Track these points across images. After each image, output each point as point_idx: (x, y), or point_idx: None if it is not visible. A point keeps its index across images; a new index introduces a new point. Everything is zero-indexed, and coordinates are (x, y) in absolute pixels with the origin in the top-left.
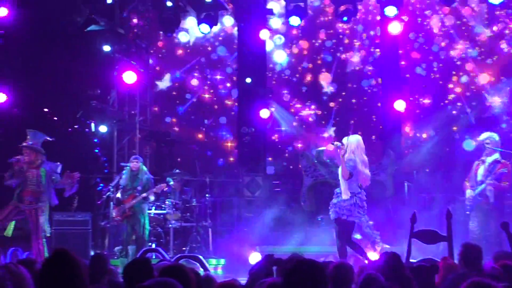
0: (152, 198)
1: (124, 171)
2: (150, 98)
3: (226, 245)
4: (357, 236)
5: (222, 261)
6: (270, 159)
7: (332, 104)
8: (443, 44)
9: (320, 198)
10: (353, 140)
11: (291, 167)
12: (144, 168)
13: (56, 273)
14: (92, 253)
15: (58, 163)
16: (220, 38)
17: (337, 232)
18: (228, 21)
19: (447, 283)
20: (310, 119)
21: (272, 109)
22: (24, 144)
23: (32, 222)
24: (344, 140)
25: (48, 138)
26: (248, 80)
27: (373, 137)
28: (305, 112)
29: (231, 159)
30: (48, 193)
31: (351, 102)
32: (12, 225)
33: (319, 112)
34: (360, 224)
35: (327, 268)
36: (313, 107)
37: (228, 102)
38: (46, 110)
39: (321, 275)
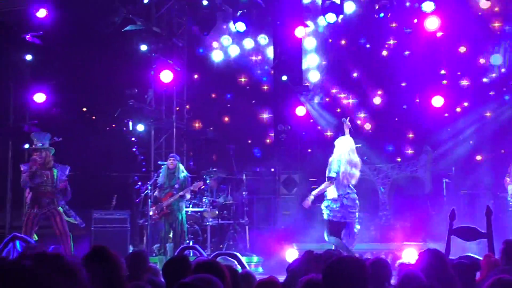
0: (188, 196)
1: (161, 170)
2: (187, 97)
3: (263, 243)
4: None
5: (259, 258)
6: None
7: (377, 101)
8: None
9: (357, 195)
10: (342, 142)
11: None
12: (181, 166)
13: (95, 269)
14: (131, 250)
15: (67, 166)
16: (258, 58)
17: (328, 230)
18: (263, 40)
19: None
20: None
21: (309, 106)
22: (34, 146)
23: (56, 223)
24: (336, 141)
25: (56, 139)
26: (284, 77)
27: (411, 134)
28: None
29: (268, 157)
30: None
31: (390, 100)
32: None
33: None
34: (351, 223)
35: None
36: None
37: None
38: (84, 109)
39: (361, 272)
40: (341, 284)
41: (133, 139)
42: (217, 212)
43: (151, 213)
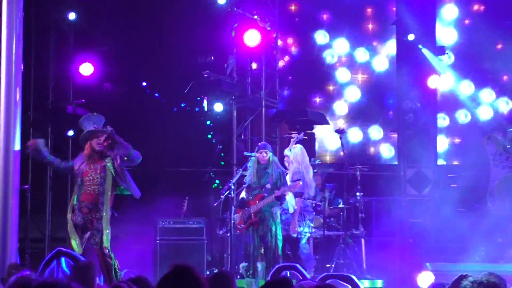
0: (288, 198)
1: (248, 164)
2: (281, 66)
3: (384, 261)
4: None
5: (380, 282)
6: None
7: None
8: None
9: None
10: (298, 151)
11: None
12: (275, 159)
13: None
14: (207, 271)
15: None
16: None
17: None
18: None
19: None
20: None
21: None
22: (94, 128)
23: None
24: (287, 152)
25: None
26: (411, 37)
27: None
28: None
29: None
30: None
31: None
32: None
33: None
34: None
35: None
36: None
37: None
38: (144, 84)
39: None
40: None
41: (208, 122)
42: (321, 220)
43: (235, 221)
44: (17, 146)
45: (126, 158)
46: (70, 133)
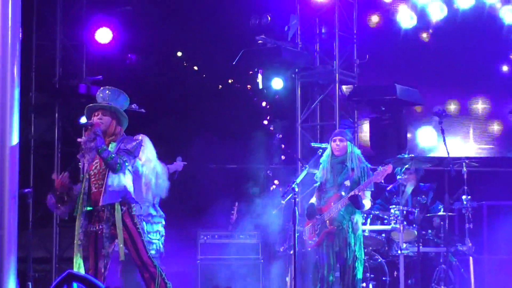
0: (368, 204)
1: (319, 158)
2: (358, 30)
3: (501, 287)
4: None
5: None
6: None
7: None
8: None
9: None
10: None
11: None
12: (356, 150)
13: None
14: None
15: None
16: None
17: None
18: None
19: None
20: None
21: None
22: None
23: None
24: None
25: (134, 107)
26: None
27: None
28: None
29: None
30: None
31: None
32: None
33: None
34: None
35: None
36: None
37: None
38: (179, 54)
39: None
40: None
41: (264, 103)
42: (416, 232)
43: (303, 235)
44: (15, 139)
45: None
46: (83, 120)
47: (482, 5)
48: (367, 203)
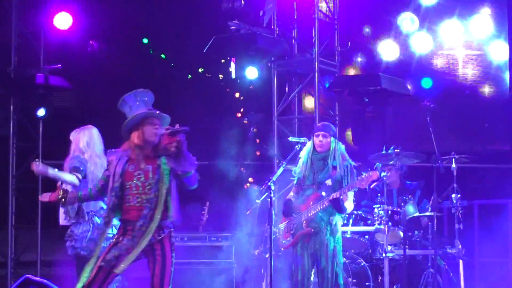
0: (350, 206)
1: (299, 153)
2: (340, 14)
3: None
4: None
5: None
6: None
7: None
8: None
9: None
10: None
11: None
12: (341, 147)
13: None
14: None
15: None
16: None
17: None
18: None
19: None
20: None
21: None
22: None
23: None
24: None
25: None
26: None
27: None
28: None
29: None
30: None
31: None
32: None
33: None
34: None
35: None
36: None
37: None
38: (145, 41)
39: None
40: None
41: (237, 95)
42: (401, 234)
43: (278, 235)
44: None
45: (179, 176)
46: (41, 112)
47: None
48: (349, 205)
